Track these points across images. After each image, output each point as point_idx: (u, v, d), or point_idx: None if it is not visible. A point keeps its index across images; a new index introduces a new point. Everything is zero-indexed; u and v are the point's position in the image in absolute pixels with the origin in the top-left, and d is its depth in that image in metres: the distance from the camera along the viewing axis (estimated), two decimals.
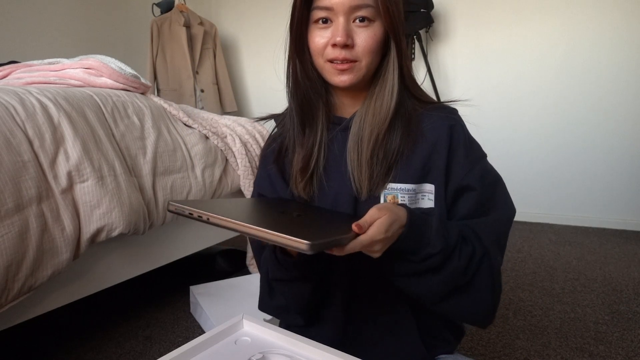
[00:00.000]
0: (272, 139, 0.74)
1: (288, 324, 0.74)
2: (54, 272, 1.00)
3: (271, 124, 0.77)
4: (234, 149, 1.63)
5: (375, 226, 0.49)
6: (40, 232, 0.96)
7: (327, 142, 0.67)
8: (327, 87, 0.67)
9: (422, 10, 2.58)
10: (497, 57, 2.71)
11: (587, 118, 2.54)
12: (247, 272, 1.83)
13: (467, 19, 2.76)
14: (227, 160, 1.62)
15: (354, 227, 0.49)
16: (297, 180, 0.66)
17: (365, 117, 0.63)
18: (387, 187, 0.62)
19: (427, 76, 2.72)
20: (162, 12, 3.07)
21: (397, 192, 0.62)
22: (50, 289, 1.11)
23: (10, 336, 1.42)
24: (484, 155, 0.65)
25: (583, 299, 1.60)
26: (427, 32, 2.79)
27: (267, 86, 3.60)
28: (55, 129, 1.06)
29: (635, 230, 2.47)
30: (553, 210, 2.67)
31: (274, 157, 0.70)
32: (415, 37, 2.67)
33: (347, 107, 0.68)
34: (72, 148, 1.07)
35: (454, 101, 0.68)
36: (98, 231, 1.10)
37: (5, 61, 1.96)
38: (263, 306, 0.71)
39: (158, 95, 3.00)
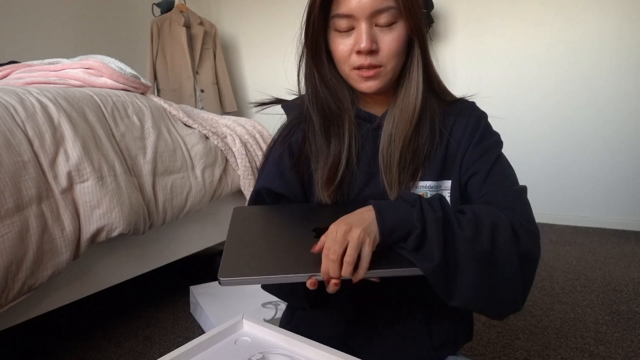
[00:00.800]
0: (282, 139, 0.69)
1: (294, 306, 0.73)
2: (54, 272, 1.00)
3: (272, 123, 0.76)
4: (234, 149, 1.63)
5: (323, 238, 0.50)
6: (40, 232, 0.97)
7: (358, 142, 0.64)
8: (351, 89, 0.66)
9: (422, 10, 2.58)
10: (497, 57, 2.71)
11: (587, 118, 2.54)
12: None
13: (467, 19, 2.76)
14: (227, 160, 1.62)
15: (313, 250, 0.50)
16: (323, 190, 0.63)
17: (396, 117, 0.63)
18: (417, 185, 0.63)
19: None
20: (162, 12, 3.07)
21: (426, 189, 0.63)
22: (50, 289, 1.11)
23: (10, 336, 1.42)
24: (499, 144, 0.64)
25: (583, 299, 1.60)
26: (427, 32, 2.79)
27: (267, 86, 3.60)
28: (55, 129, 1.06)
29: (635, 230, 2.47)
30: (553, 210, 2.67)
31: (291, 163, 0.66)
32: None
33: (374, 104, 0.67)
34: (72, 148, 1.07)
35: (472, 95, 0.70)
36: (98, 231, 1.10)
37: (5, 61, 1.96)
38: (268, 287, 0.69)
39: (158, 95, 3.00)
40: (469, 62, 2.80)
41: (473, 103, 0.68)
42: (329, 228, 0.50)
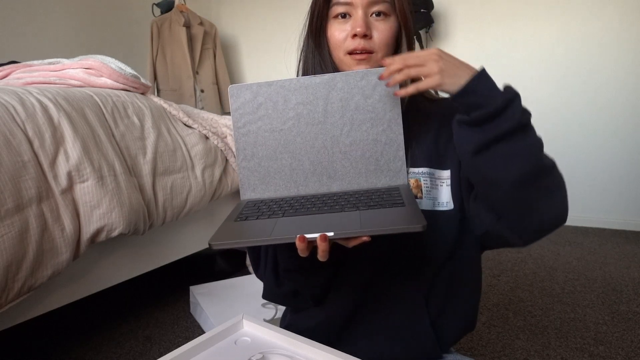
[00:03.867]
0: None
1: (297, 308, 0.73)
2: (54, 272, 1.00)
3: None
4: (234, 149, 1.63)
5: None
6: (40, 232, 0.97)
7: None
8: None
9: (422, 10, 2.58)
10: (496, 57, 2.71)
11: (586, 118, 2.54)
12: (247, 272, 1.83)
13: (467, 19, 2.76)
14: (227, 160, 1.62)
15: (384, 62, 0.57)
16: None
17: None
18: (409, 171, 0.65)
19: None
20: (162, 13, 3.07)
21: (419, 175, 0.64)
22: (50, 289, 1.12)
23: (10, 336, 1.42)
24: None
25: (583, 299, 1.60)
26: (427, 32, 2.79)
27: None
28: (55, 129, 1.06)
29: (635, 230, 2.47)
30: None
31: None
32: (415, 37, 2.67)
33: None
34: (72, 148, 1.07)
35: None
36: (98, 231, 1.10)
37: (5, 61, 1.96)
38: (269, 295, 0.70)
39: (158, 95, 3.00)
40: (469, 62, 2.79)
41: None
42: (427, 50, 0.55)
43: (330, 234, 0.48)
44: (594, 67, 2.48)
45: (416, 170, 0.64)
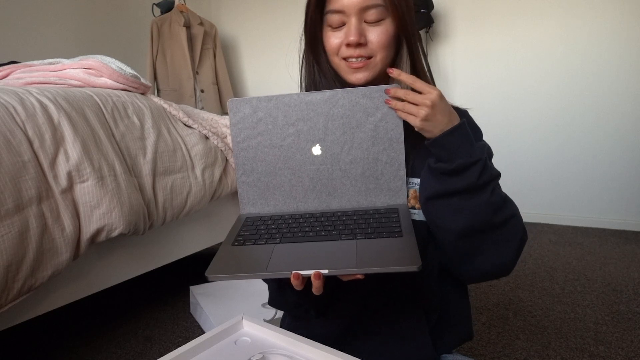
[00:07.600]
0: None
1: (300, 317, 0.73)
2: (54, 272, 1.01)
3: None
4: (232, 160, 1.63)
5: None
6: (40, 232, 0.97)
7: None
8: (343, 83, 0.69)
9: (422, 10, 2.58)
10: (497, 57, 2.71)
11: (586, 118, 2.54)
12: None
13: (467, 19, 2.76)
14: (227, 160, 1.62)
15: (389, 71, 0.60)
16: None
17: None
18: (408, 181, 0.64)
19: None
20: (162, 13, 3.06)
21: (416, 186, 0.64)
22: (50, 289, 1.12)
23: (10, 336, 1.42)
24: (489, 154, 0.66)
25: (583, 299, 1.60)
26: (427, 32, 2.79)
27: (267, 86, 3.60)
28: (55, 129, 1.06)
29: (635, 230, 2.47)
30: (553, 210, 2.67)
31: None
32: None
33: None
34: (72, 148, 1.07)
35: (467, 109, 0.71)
36: (98, 231, 1.10)
37: (5, 61, 1.96)
38: (274, 302, 0.71)
39: (158, 95, 3.00)
40: (469, 62, 2.79)
41: (465, 111, 0.70)
42: (429, 89, 0.56)
43: (325, 271, 0.49)
44: (594, 66, 2.48)
45: (415, 180, 0.64)
